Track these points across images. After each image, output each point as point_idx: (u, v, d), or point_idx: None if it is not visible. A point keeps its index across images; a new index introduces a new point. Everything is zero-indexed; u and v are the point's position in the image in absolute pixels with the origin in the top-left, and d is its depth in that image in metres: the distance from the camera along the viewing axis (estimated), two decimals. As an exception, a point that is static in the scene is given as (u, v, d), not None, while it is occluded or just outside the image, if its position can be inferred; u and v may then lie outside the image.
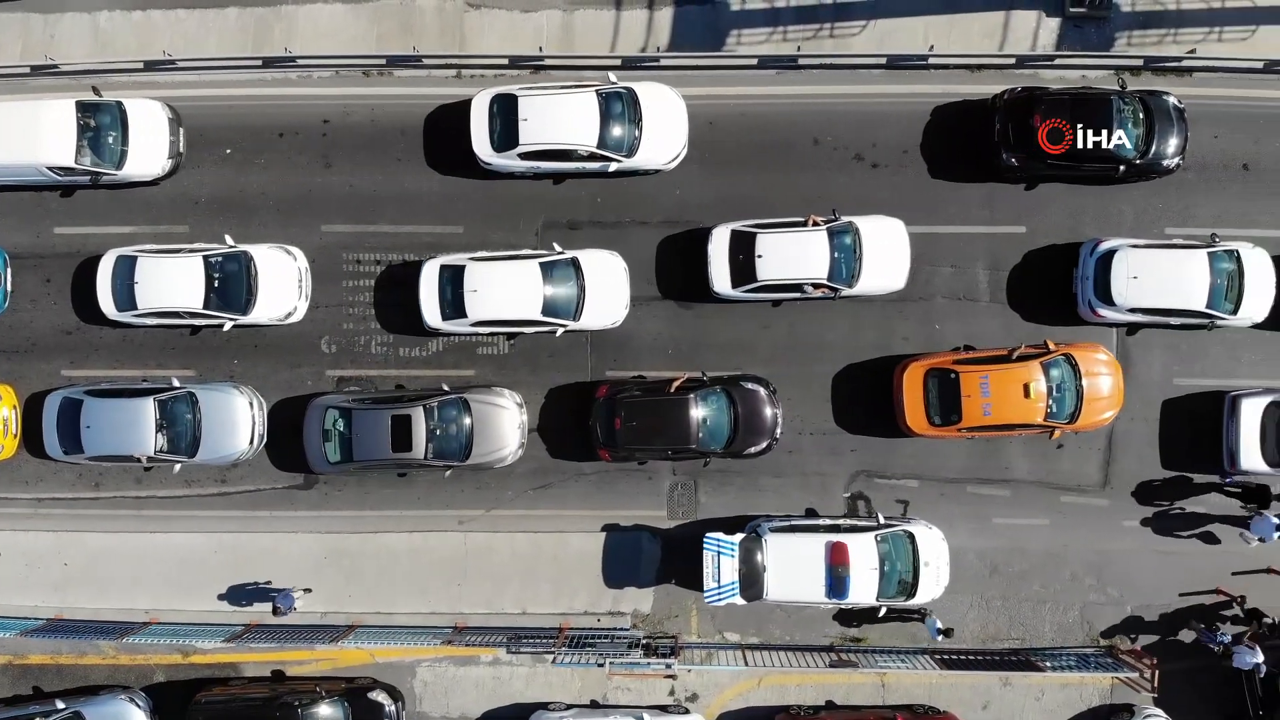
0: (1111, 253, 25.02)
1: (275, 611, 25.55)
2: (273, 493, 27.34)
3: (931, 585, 25.21)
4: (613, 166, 25.58)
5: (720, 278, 25.55)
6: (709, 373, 26.04)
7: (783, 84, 26.43)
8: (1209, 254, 24.93)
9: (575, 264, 25.57)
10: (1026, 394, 24.67)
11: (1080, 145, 24.97)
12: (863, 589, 24.66)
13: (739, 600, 24.64)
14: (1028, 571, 26.37)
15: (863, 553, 24.62)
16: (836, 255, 25.13)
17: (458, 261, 25.62)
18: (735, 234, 25.46)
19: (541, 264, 25.38)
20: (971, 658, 25.91)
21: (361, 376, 27.10)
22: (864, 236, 25.34)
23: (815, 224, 25.33)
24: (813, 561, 24.58)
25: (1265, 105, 26.19)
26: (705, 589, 24.69)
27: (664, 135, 25.59)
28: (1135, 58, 26.23)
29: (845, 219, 25.46)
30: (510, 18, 26.94)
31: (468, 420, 25.55)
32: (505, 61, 26.73)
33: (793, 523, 25.47)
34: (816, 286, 25.31)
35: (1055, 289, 26.06)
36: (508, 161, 25.54)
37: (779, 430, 25.89)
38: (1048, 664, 25.65)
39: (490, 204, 26.84)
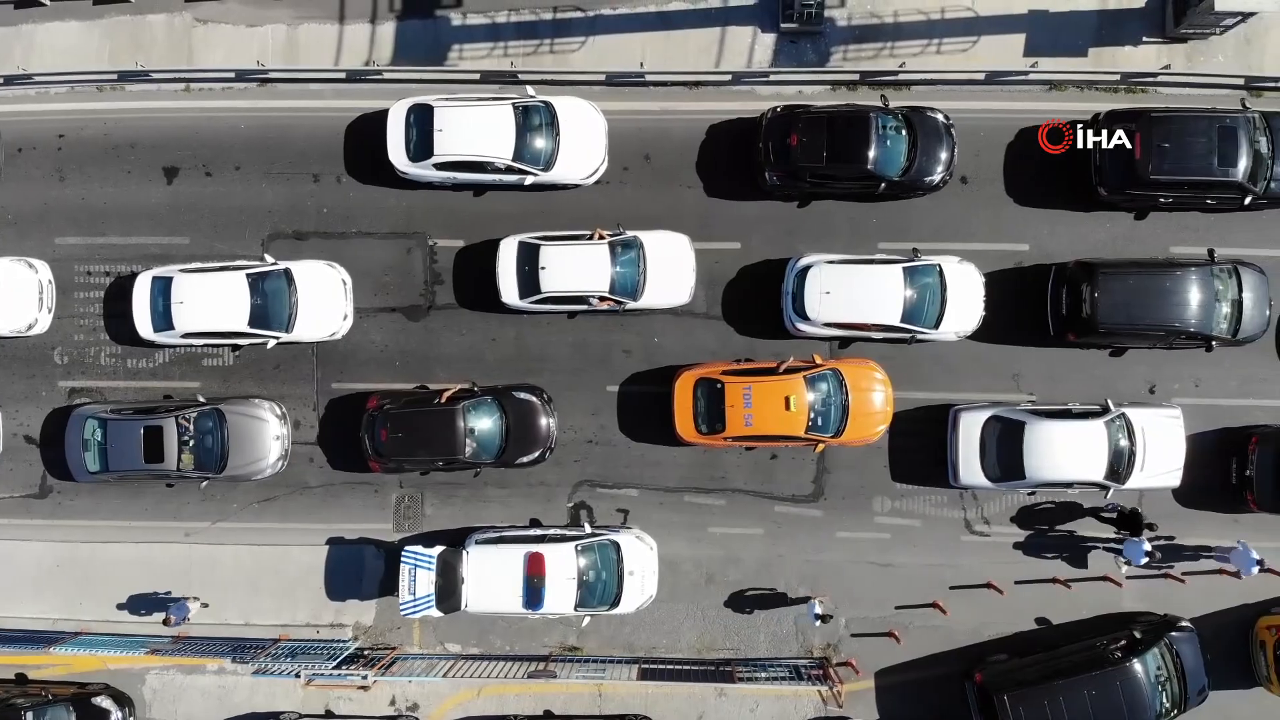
0: (809, 269, 25.13)
1: (166, 622, 25.80)
2: (10, 501, 27.63)
3: (636, 595, 25.43)
4: (529, 180, 25.61)
5: (508, 289, 25.73)
6: (479, 383, 26.30)
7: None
8: (904, 269, 25.03)
9: (288, 275, 25.77)
10: (787, 406, 24.80)
11: (838, 162, 24.95)
12: (560, 599, 24.85)
13: (435, 612, 24.85)
14: (743, 581, 26.54)
15: (560, 563, 24.81)
16: (618, 269, 25.28)
17: (168, 273, 25.85)
18: (523, 245, 25.61)
19: (249, 275, 25.60)
20: (682, 668, 26.04)
21: (92, 388, 27.36)
22: (647, 250, 25.51)
23: (601, 237, 25.47)
24: (510, 573, 24.78)
25: (986, 117, 26.26)
26: (400, 601, 24.90)
27: (582, 150, 25.62)
28: (851, 72, 26.34)
29: (630, 233, 25.63)
30: (236, 32, 27.19)
31: (224, 432, 25.74)
32: (232, 75, 26.92)
33: (502, 534, 25.64)
34: (602, 299, 25.45)
35: (768, 303, 26.13)
36: (423, 171, 25.64)
37: (554, 440, 26.09)
38: (763, 674, 25.83)
39: (217, 215, 27.09)
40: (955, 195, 26.23)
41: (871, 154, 24.79)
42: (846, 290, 24.92)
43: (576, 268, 25.34)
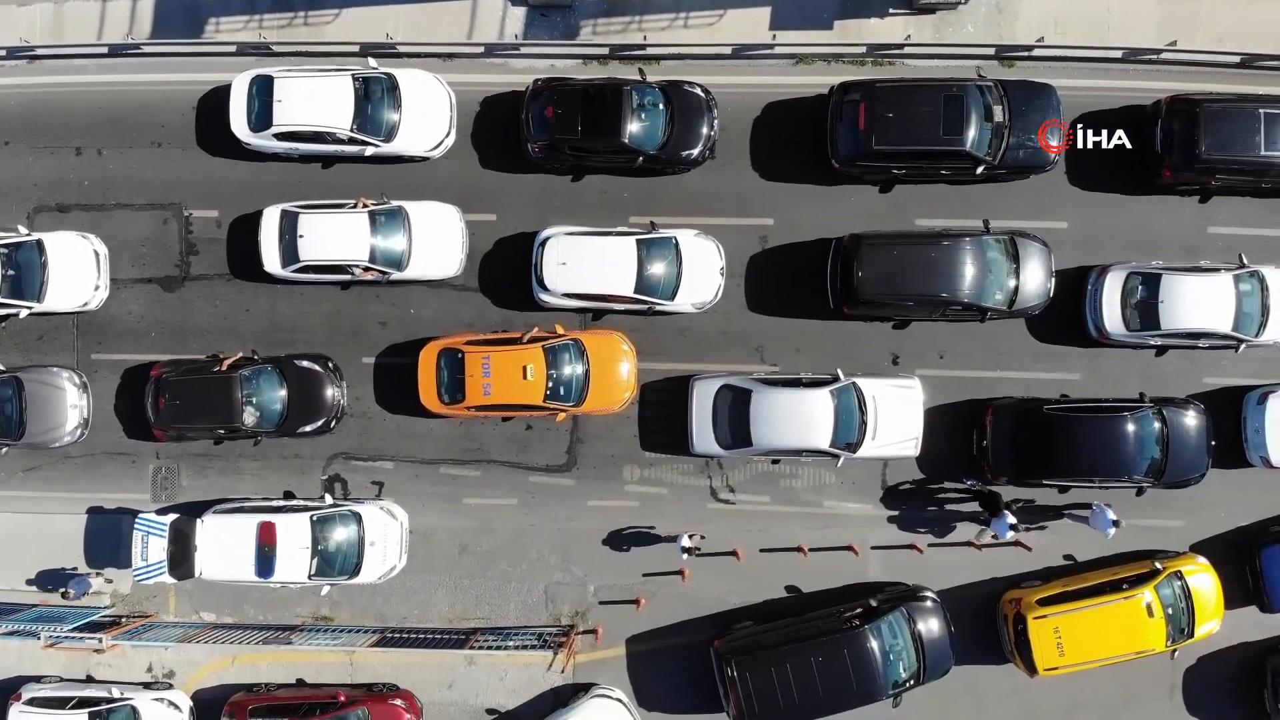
0: (548, 240, 25.33)
1: (64, 595, 26.29)
2: None
3: (377, 565, 25.65)
4: (369, 151, 25.78)
5: (270, 257, 25.95)
6: (259, 351, 26.62)
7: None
8: (639, 241, 25.18)
9: (39, 246, 26.12)
10: (525, 376, 25.01)
11: (593, 135, 25.01)
12: (293, 567, 25.09)
13: (169, 579, 25.15)
14: (495, 551, 26.78)
15: (293, 533, 25.06)
16: (380, 238, 25.49)
17: (-80, 247, 26.28)
18: (285, 214, 25.82)
19: (0, 247, 25.96)
20: (429, 636, 26.27)
21: None
22: (413, 221, 25.69)
23: (365, 206, 25.70)
24: (243, 541, 25.05)
25: (734, 91, 26.29)
26: (134, 568, 25.22)
27: (425, 122, 25.74)
28: (601, 46, 26.50)
29: (396, 203, 25.85)
30: (6, 10, 27.52)
31: (22, 399, 26.19)
32: (3, 53, 27.30)
33: (243, 505, 25.91)
34: (366, 269, 25.68)
35: (523, 275, 26.21)
36: (265, 142, 25.85)
37: (340, 410, 26.36)
38: (511, 642, 26.04)
39: (-15, 188, 27.49)
40: (703, 169, 26.30)
41: (626, 127, 24.89)
42: (582, 261, 25.10)
43: (335, 236, 25.52)
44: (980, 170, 24.91)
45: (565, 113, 24.93)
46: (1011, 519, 24.63)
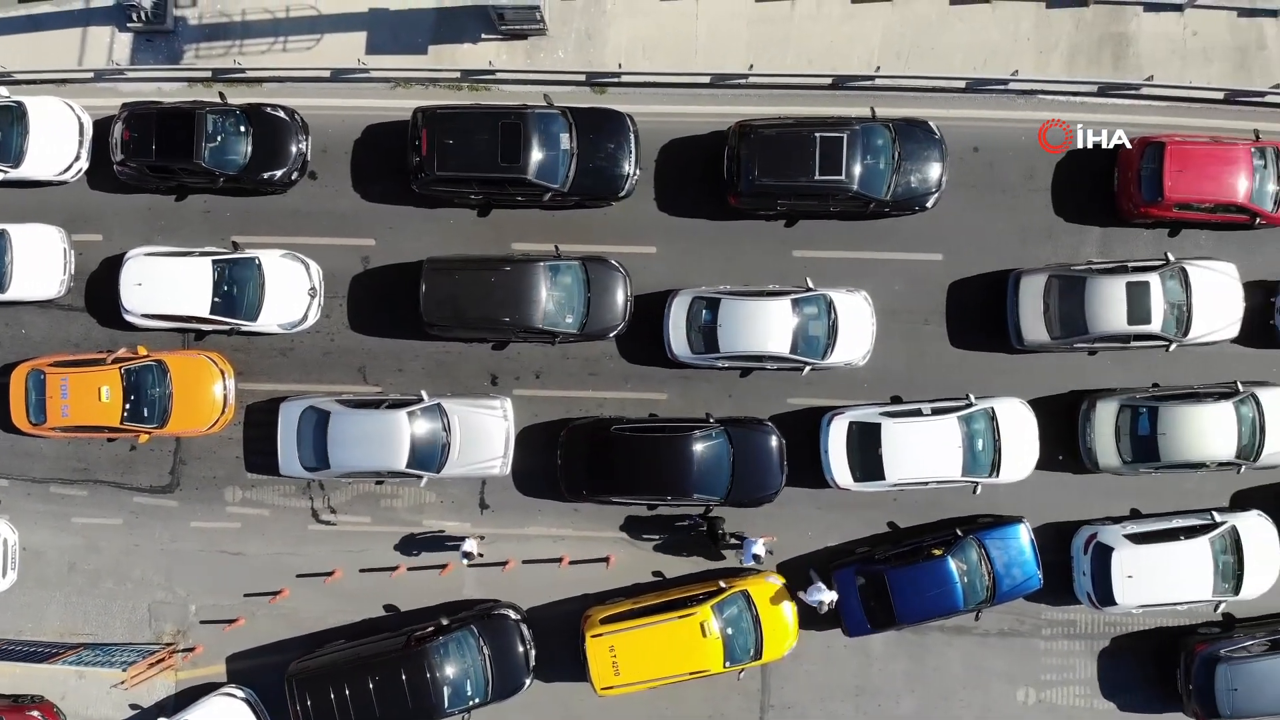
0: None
1: None
2: None
3: (-17, 581, 26.24)
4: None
5: None
6: None
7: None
8: (214, 261, 25.66)
9: None
10: (100, 397, 25.47)
11: (168, 157, 25.50)
12: (-115, 583, 25.70)
13: None
14: (101, 569, 27.23)
15: (-114, 549, 25.66)
16: None
17: None
18: None
19: None
20: (39, 651, 26.80)
21: None
22: (14, 243, 26.08)
23: None
24: None
25: (334, 114, 26.78)
26: None
27: (54, 147, 26.31)
28: (204, 70, 26.96)
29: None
30: None
31: None
32: None
33: None
34: None
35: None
36: None
37: None
38: (116, 658, 26.48)
39: None
40: (306, 190, 26.73)
41: (202, 148, 25.30)
42: (158, 283, 25.63)
43: None
44: (548, 197, 25.20)
45: (140, 135, 25.46)
46: (758, 548, 24.95)
